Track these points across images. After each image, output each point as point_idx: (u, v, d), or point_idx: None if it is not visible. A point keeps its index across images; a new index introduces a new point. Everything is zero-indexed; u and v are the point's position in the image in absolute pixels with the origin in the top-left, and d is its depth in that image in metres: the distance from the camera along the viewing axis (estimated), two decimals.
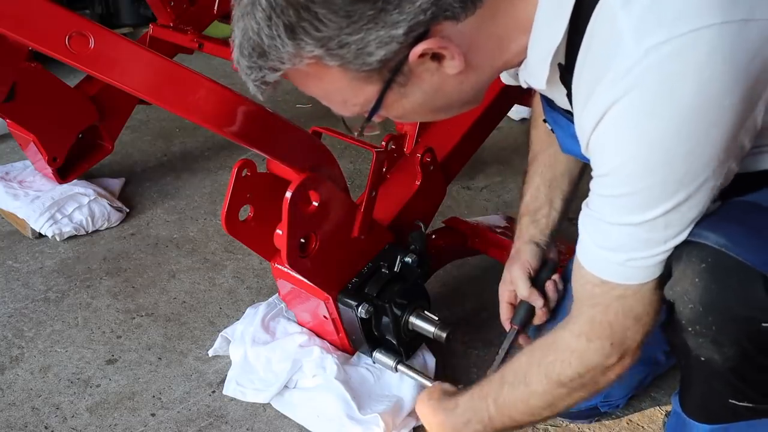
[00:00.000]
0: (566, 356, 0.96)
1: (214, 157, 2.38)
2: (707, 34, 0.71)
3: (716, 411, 0.99)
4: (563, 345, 0.96)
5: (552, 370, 0.97)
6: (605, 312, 0.91)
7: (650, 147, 0.76)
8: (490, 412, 1.04)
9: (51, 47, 0.87)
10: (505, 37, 0.85)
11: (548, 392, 0.98)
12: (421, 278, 1.35)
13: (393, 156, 1.40)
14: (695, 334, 0.90)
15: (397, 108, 0.87)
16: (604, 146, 0.80)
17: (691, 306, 0.87)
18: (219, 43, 2.09)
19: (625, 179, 0.80)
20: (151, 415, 1.35)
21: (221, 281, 1.74)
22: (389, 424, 1.24)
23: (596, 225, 0.87)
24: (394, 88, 0.83)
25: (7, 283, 1.73)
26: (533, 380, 0.99)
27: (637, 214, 0.82)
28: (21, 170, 2.05)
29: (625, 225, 0.83)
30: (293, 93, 2.94)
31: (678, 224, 0.83)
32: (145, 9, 3.22)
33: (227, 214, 1.16)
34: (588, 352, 0.94)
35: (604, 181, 0.83)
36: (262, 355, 1.36)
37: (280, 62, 0.80)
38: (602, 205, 0.85)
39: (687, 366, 0.98)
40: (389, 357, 1.30)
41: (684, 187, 0.79)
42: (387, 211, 1.35)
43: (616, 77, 0.74)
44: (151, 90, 0.94)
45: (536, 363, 0.99)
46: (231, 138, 0.99)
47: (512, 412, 1.03)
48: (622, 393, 1.32)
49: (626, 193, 0.81)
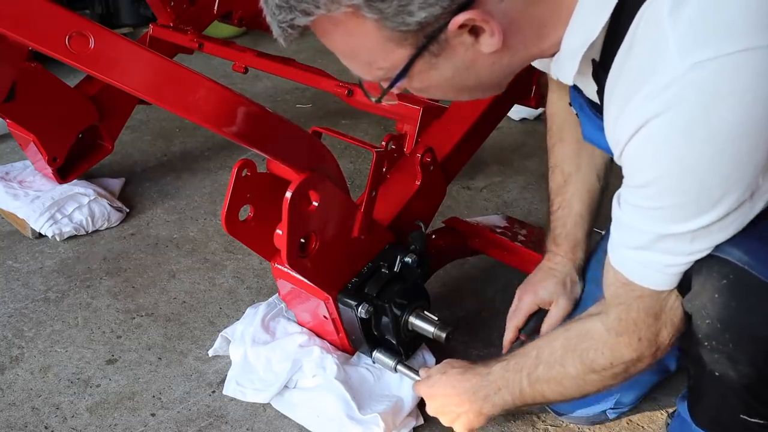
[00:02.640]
0: (599, 346, 0.99)
1: (214, 157, 2.38)
2: (755, 56, 0.69)
3: (727, 424, 0.99)
4: (597, 335, 1.00)
5: (586, 357, 1.00)
6: (628, 311, 0.94)
7: (685, 167, 0.75)
8: (522, 385, 1.08)
9: (51, 47, 0.87)
10: (546, 24, 0.82)
11: (581, 377, 1.02)
12: (421, 278, 1.35)
13: (393, 156, 1.40)
14: (711, 349, 0.89)
15: (422, 79, 0.84)
16: (638, 159, 0.79)
17: (709, 321, 0.87)
18: (219, 43, 2.09)
19: (657, 194, 0.79)
20: (151, 415, 1.35)
21: (221, 281, 1.74)
22: (389, 424, 1.24)
23: (624, 226, 0.88)
24: (425, 57, 0.80)
25: (7, 283, 1.73)
26: (568, 363, 1.03)
27: (665, 226, 0.81)
28: (21, 170, 2.05)
29: (650, 232, 0.83)
30: (293, 93, 2.95)
31: (705, 241, 0.82)
32: (145, 9, 3.23)
33: (227, 214, 1.16)
34: (619, 345, 0.97)
35: (636, 192, 0.82)
36: (262, 355, 1.36)
37: (315, 5, 0.75)
38: (631, 211, 0.85)
39: (700, 377, 0.98)
40: (389, 357, 1.30)
41: (716, 209, 0.78)
42: (387, 211, 1.35)
43: (657, 90, 0.73)
44: (151, 90, 0.93)
45: (572, 348, 1.02)
46: (231, 138, 0.99)
47: (545, 390, 1.07)
48: (631, 399, 1.32)
49: (657, 207, 0.80)
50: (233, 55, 2.05)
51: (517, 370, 1.09)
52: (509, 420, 1.34)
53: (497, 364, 1.13)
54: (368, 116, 2.60)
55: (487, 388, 1.12)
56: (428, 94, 0.91)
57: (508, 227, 1.65)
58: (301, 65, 1.95)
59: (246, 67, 2.03)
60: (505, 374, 1.11)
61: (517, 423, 1.34)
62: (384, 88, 0.85)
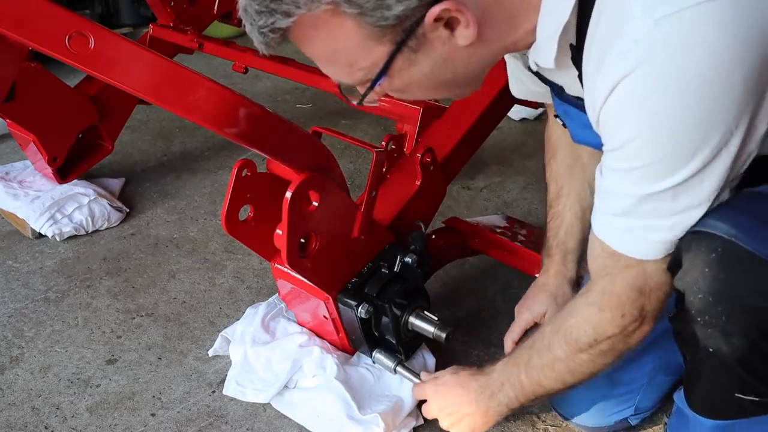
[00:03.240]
0: (581, 324, 0.99)
1: (214, 157, 2.38)
2: (715, 6, 0.71)
3: (722, 406, 0.99)
4: (579, 312, 1.00)
5: (570, 336, 1.00)
6: (613, 283, 0.93)
7: (658, 121, 0.76)
8: (520, 378, 1.08)
9: (51, 47, 0.87)
10: (517, 14, 0.85)
11: (570, 358, 1.01)
12: (421, 278, 1.35)
13: (393, 156, 1.40)
14: (704, 324, 0.89)
15: (403, 76, 0.86)
16: (613, 120, 0.80)
17: (701, 296, 0.87)
18: (219, 43, 2.09)
19: (634, 153, 0.80)
20: (151, 415, 1.35)
21: (221, 281, 1.74)
22: (389, 424, 1.24)
23: (606, 193, 0.88)
24: (404, 52, 0.82)
25: (7, 283, 1.73)
26: (555, 346, 1.03)
27: (645, 186, 0.82)
28: (21, 170, 2.05)
29: (631, 195, 0.84)
30: (293, 93, 2.95)
31: (687, 198, 0.82)
32: (145, 9, 3.23)
33: (227, 214, 1.16)
34: (601, 322, 0.97)
35: (615, 155, 0.83)
36: (262, 355, 1.36)
37: (296, 5, 0.77)
38: (613, 177, 0.86)
39: (694, 359, 0.98)
40: (389, 358, 1.30)
41: (694, 160, 0.78)
42: (387, 211, 1.35)
43: (625, 50, 0.75)
44: (151, 90, 0.93)
45: (557, 329, 1.03)
46: (231, 138, 0.99)
47: (541, 379, 1.06)
48: (651, 404, 1.31)
49: (635, 167, 0.81)
50: (233, 55, 2.05)
51: (515, 363, 1.10)
52: (509, 420, 1.34)
53: (500, 362, 1.14)
54: (368, 116, 2.60)
55: (492, 386, 1.13)
56: (408, 93, 0.92)
57: (508, 227, 1.65)
58: (301, 65, 1.95)
59: (246, 67, 2.03)
60: (505, 369, 1.12)
61: (517, 423, 1.34)
62: (365, 89, 0.87)
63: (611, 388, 1.26)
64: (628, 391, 1.27)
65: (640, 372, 1.27)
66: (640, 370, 1.27)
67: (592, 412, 1.28)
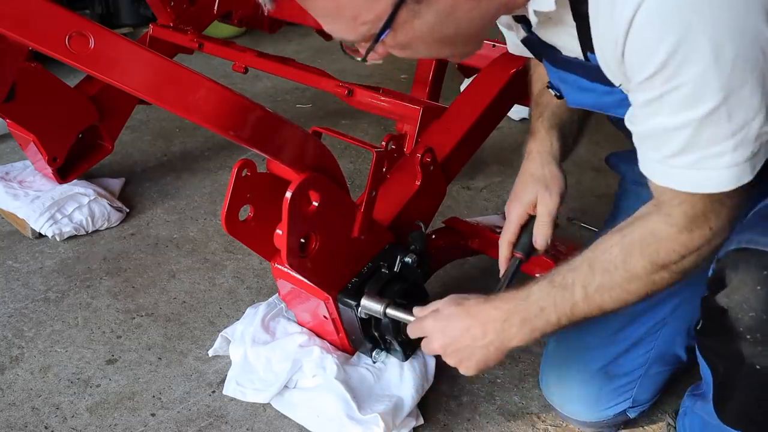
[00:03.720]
0: (670, 244, 0.94)
1: (214, 157, 2.38)
2: None
3: (759, 420, 0.98)
4: (664, 235, 0.94)
5: (657, 256, 0.95)
6: (693, 207, 0.90)
7: (693, 31, 0.75)
8: (575, 299, 1.01)
9: (51, 47, 0.87)
10: None
11: (649, 275, 0.97)
12: (421, 278, 1.35)
13: (393, 156, 1.40)
14: (754, 341, 0.88)
15: (406, 30, 0.85)
16: (643, 45, 0.79)
17: (752, 314, 0.86)
18: (219, 43, 2.09)
19: (675, 72, 0.78)
20: (151, 415, 1.35)
21: (221, 281, 1.74)
22: (389, 424, 1.24)
23: (655, 137, 0.86)
24: (408, 4, 0.82)
25: (7, 283, 1.73)
26: (635, 265, 0.97)
27: (694, 107, 0.79)
28: (21, 170, 2.05)
29: (685, 125, 0.81)
30: (293, 93, 2.95)
31: (741, 112, 0.80)
32: (145, 9, 3.23)
33: (227, 214, 1.16)
34: (693, 240, 0.93)
35: (652, 83, 0.81)
36: (262, 355, 1.36)
37: None
38: (654, 112, 0.83)
39: (731, 374, 0.97)
40: (377, 303, 1.23)
41: (738, 67, 0.77)
42: (387, 211, 1.35)
43: None
44: (151, 90, 0.93)
45: (637, 252, 0.96)
46: (231, 138, 0.99)
47: (605, 300, 1.00)
48: (649, 396, 1.31)
49: (678, 85, 0.79)
50: (233, 55, 2.05)
51: (566, 285, 1.01)
52: (509, 420, 1.34)
53: (535, 286, 1.04)
54: (368, 116, 2.60)
55: (526, 311, 1.03)
56: (411, 50, 0.91)
57: None
58: (301, 65, 1.95)
59: (246, 67, 2.03)
60: (551, 291, 1.02)
61: (517, 423, 1.34)
62: (369, 44, 0.86)
63: (607, 381, 1.27)
64: (624, 383, 1.27)
65: (635, 363, 1.27)
66: (635, 361, 1.27)
67: (590, 407, 1.28)
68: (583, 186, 2.20)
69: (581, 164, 2.30)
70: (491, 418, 1.35)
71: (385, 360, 1.35)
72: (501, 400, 1.39)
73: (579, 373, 1.29)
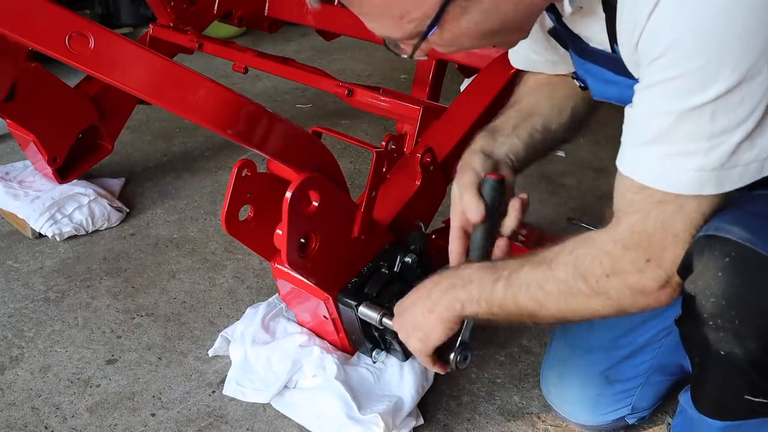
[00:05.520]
0: (599, 254, 0.92)
1: (214, 157, 2.38)
2: None
3: (731, 407, 0.98)
4: (599, 244, 0.93)
5: (581, 263, 0.93)
6: (644, 220, 0.87)
7: (704, 23, 0.76)
8: (497, 285, 0.99)
9: (51, 47, 0.87)
10: None
11: (568, 282, 0.94)
12: (421, 278, 1.35)
13: (393, 156, 1.40)
14: (716, 327, 0.88)
15: (452, 27, 0.85)
16: (658, 27, 0.79)
17: (714, 300, 0.86)
18: (219, 43, 2.09)
19: (676, 59, 0.79)
20: (151, 415, 1.35)
21: (221, 281, 1.74)
22: (389, 424, 1.24)
23: (637, 121, 0.86)
24: (456, 1, 0.81)
25: (7, 283, 1.73)
26: (559, 266, 0.95)
27: (684, 99, 0.79)
28: (21, 170, 2.05)
29: (668, 113, 0.81)
30: (293, 93, 2.95)
31: (725, 118, 0.80)
32: (145, 9, 3.23)
33: (227, 214, 1.16)
34: (622, 259, 0.90)
35: (655, 66, 0.81)
36: (262, 355, 1.36)
37: None
38: (648, 96, 0.83)
39: (703, 362, 0.97)
40: (373, 311, 1.22)
41: (735, 71, 0.77)
42: (387, 211, 1.35)
43: None
44: (151, 90, 0.93)
45: (567, 251, 0.95)
46: (231, 138, 0.99)
47: (520, 293, 0.98)
48: (648, 404, 1.31)
49: (676, 75, 0.79)
50: (233, 55, 2.05)
51: (497, 268, 1.01)
52: (509, 420, 1.34)
53: (476, 263, 1.05)
54: (368, 116, 2.60)
55: (456, 278, 1.03)
56: (456, 46, 0.90)
57: None
58: (300, 65, 1.95)
59: (246, 67, 2.03)
60: (482, 269, 1.02)
61: (517, 423, 1.34)
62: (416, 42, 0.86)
63: (608, 387, 1.26)
64: (624, 390, 1.27)
65: (636, 370, 1.27)
66: (636, 369, 1.27)
67: (588, 410, 1.28)
68: (583, 186, 2.20)
69: (581, 164, 2.30)
70: (491, 418, 1.35)
71: (385, 360, 1.35)
72: (501, 400, 1.39)
73: (579, 376, 1.29)
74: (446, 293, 1.04)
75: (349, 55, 3.45)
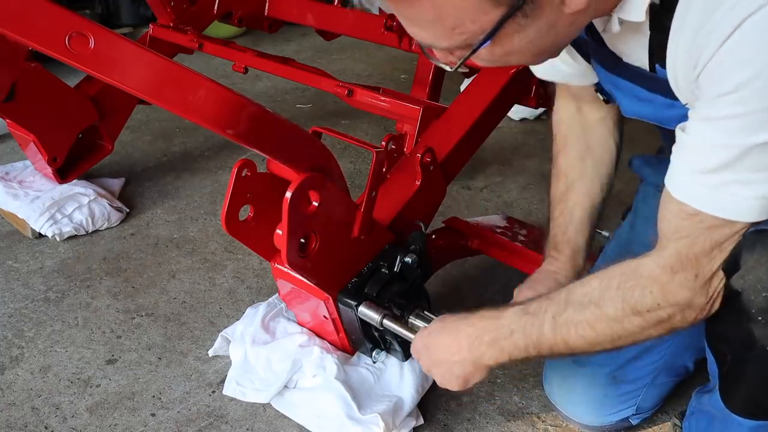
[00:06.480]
0: (648, 284, 0.90)
1: (214, 157, 2.38)
2: None
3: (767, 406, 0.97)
4: (646, 273, 0.91)
5: (631, 296, 0.91)
6: (692, 245, 0.86)
7: None
8: (543, 329, 0.98)
9: (51, 47, 0.87)
10: None
11: (621, 319, 0.93)
12: (421, 278, 1.35)
13: (393, 156, 1.40)
14: (765, 323, 0.88)
15: (505, 43, 0.82)
16: (730, 62, 0.77)
17: (765, 294, 0.86)
18: (219, 43, 2.09)
19: (748, 97, 0.76)
20: (151, 415, 1.35)
21: (221, 281, 1.74)
22: (389, 424, 1.24)
23: (696, 150, 0.84)
24: (517, 17, 0.78)
25: (7, 283, 1.73)
26: (608, 303, 0.93)
27: (751, 135, 0.78)
28: (21, 170, 2.05)
29: (732, 146, 0.79)
30: (293, 93, 2.95)
31: None
32: (145, 9, 3.23)
33: (227, 214, 1.16)
34: (672, 284, 0.89)
35: (722, 101, 0.79)
36: (262, 355, 1.36)
37: None
38: (711, 128, 0.81)
39: (742, 360, 0.95)
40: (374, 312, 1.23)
41: None
42: (387, 211, 1.35)
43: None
44: (151, 90, 0.93)
45: (614, 287, 0.93)
46: (231, 138, 0.99)
47: (570, 335, 0.97)
48: (652, 404, 1.31)
49: (745, 112, 0.77)
50: (233, 55, 2.04)
51: (539, 312, 0.99)
52: (509, 420, 1.34)
53: (511, 309, 1.03)
54: (368, 116, 2.60)
55: (496, 332, 1.02)
56: (502, 62, 0.87)
57: (508, 227, 1.65)
58: (300, 65, 1.95)
59: (246, 67, 2.03)
60: (523, 317, 1.01)
61: (517, 423, 1.34)
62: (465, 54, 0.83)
63: (613, 387, 1.26)
64: (630, 390, 1.27)
65: (642, 371, 1.26)
66: (642, 370, 1.26)
67: (593, 411, 1.28)
68: None
69: None
70: (491, 418, 1.35)
71: (385, 360, 1.35)
72: (501, 400, 1.39)
73: (585, 376, 1.28)
74: (491, 347, 1.04)
75: (349, 55, 3.45)
